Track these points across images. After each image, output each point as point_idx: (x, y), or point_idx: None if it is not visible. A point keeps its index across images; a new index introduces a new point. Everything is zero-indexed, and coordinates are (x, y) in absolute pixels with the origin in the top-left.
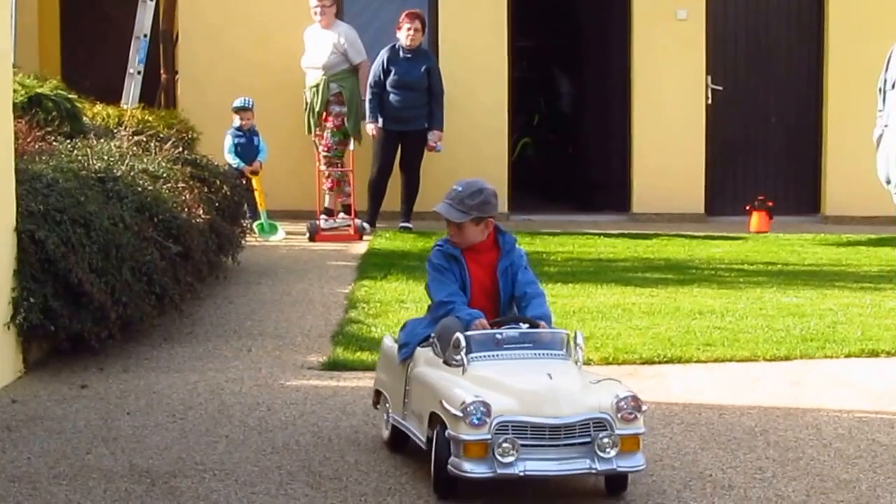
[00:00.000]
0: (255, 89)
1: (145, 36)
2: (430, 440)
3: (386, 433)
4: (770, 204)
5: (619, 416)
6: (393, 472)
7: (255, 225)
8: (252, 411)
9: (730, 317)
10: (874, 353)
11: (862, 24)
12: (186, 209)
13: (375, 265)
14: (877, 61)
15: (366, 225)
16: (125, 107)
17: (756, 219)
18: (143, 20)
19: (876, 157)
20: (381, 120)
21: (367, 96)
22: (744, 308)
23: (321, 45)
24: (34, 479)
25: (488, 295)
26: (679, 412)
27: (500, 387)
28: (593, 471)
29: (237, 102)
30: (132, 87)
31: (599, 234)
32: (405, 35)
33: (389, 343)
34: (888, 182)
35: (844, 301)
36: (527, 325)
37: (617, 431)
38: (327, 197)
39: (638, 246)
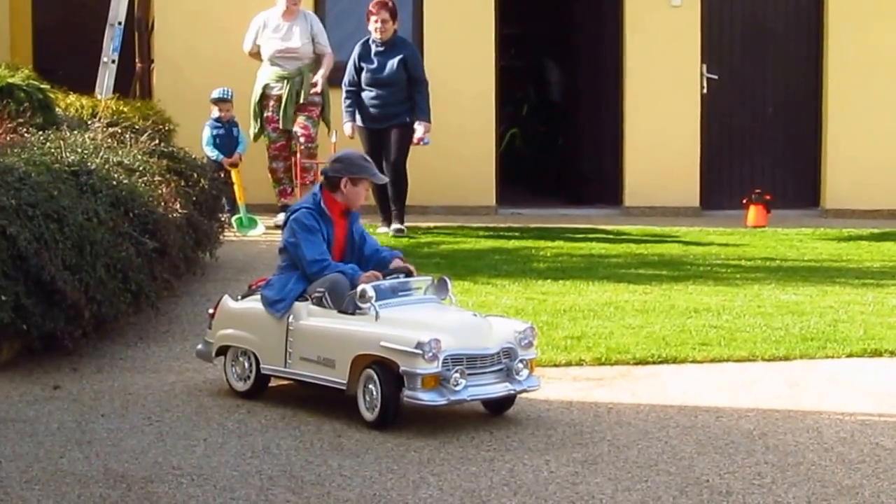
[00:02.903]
0: (234, 79)
1: (120, 23)
2: (357, 380)
3: (240, 385)
4: (768, 197)
5: (521, 344)
6: (377, 477)
7: (233, 219)
8: (231, 413)
9: (727, 315)
10: (877, 353)
11: (863, 9)
12: (163, 203)
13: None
14: (878, 48)
15: (401, 227)
16: (99, 97)
17: (753, 213)
18: (118, 7)
19: None
20: (359, 119)
21: (343, 96)
22: (741, 306)
23: (294, 32)
24: (5, 483)
25: (341, 252)
26: (674, 415)
27: (431, 326)
28: (512, 391)
29: (216, 93)
30: (106, 77)
31: (591, 229)
32: (373, 28)
33: (233, 302)
34: None
35: (846, 298)
36: (402, 276)
37: (520, 357)
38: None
39: (631, 241)
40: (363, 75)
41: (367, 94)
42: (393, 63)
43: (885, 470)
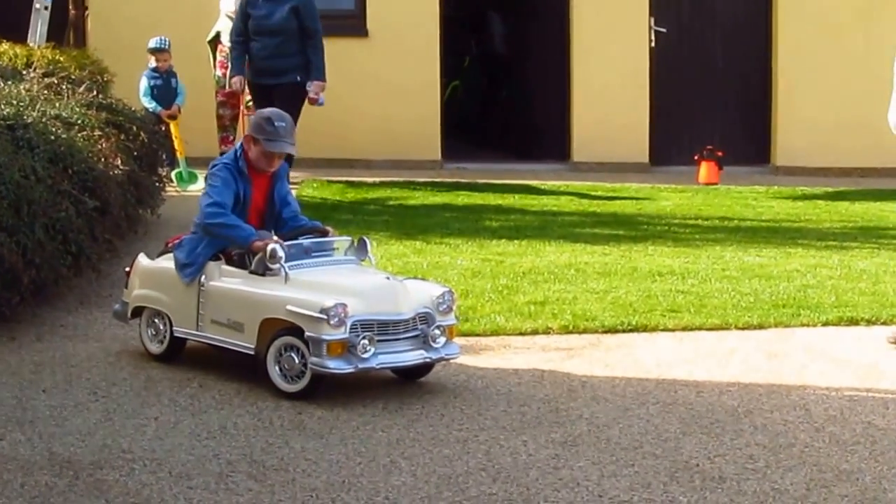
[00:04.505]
0: (173, 28)
1: None
2: (266, 346)
3: (155, 347)
4: (719, 154)
5: (439, 309)
6: (345, 461)
7: (173, 174)
8: (182, 388)
9: (692, 279)
10: (853, 322)
11: None
12: (103, 159)
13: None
14: (829, 3)
15: None
16: (32, 45)
17: (705, 170)
18: None
19: None
20: (249, 73)
21: (229, 46)
22: (706, 269)
23: None
24: None
25: (259, 214)
26: (652, 389)
27: (340, 289)
28: (428, 360)
29: (153, 43)
30: (39, 24)
31: (541, 186)
32: None
33: (148, 261)
34: None
35: (811, 261)
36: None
37: (437, 323)
38: None
39: (583, 198)
40: (250, 24)
41: (255, 45)
42: (283, 10)
43: (882, 452)
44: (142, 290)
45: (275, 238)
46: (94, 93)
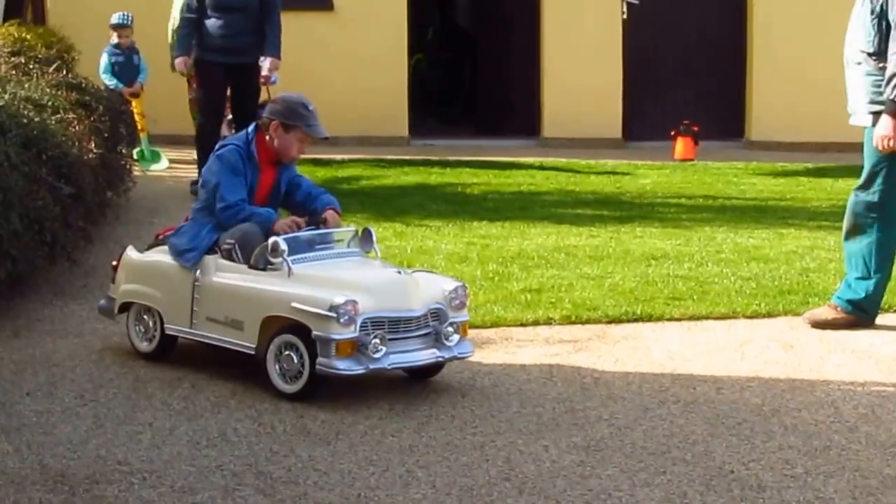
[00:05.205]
0: (135, 4)
1: None
2: (268, 345)
3: (144, 345)
4: (696, 129)
5: (451, 305)
6: (357, 472)
7: (135, 153)
8: (174, 389)
9: (688, 262)
10: None
11: None
12: (76, 143)
13: None
14: None
15: None
16: None
17: (681, 145)
18: None
19: None
20: (201, 52)
21: (180, 24)
22: (700, 252)
23: None
24: None
25: (264, 200)
26: (669, 386)
27: (348, 285)
28: (440, 359)
29: (115, 18)
30: None
31: (514, 163)
32: None
33: (136, 254)
34: None
35: (806, 243)
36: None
37: (450, 320)
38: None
39: (559, 175)
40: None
41: (213, 23)
42: None
43: None
44: (130, 284)
45: (296, 220)
46: (64, 72)
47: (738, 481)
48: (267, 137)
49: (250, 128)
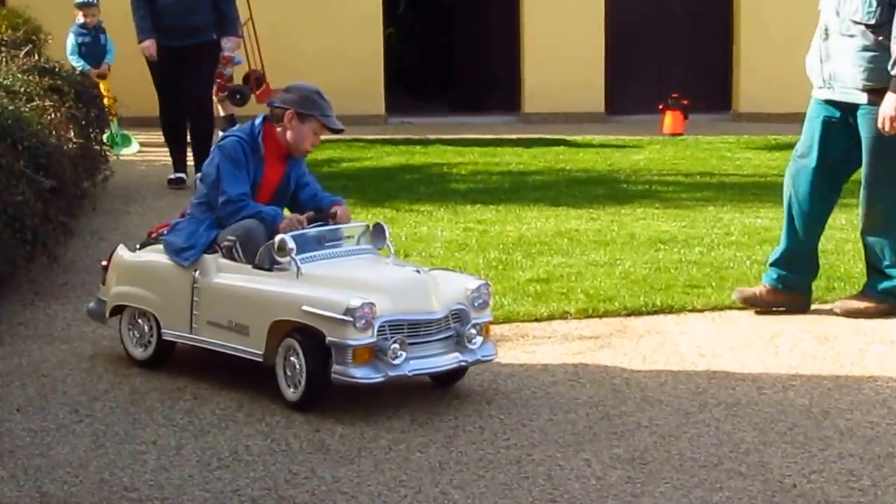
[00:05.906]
0: None
1: None
2: (276, 350)
3: (139, 352)
4: (685, 102)
5: (474, 305)
6: (388, 494)
7: (104, 137)
8: (174, 402)
9: (699, 246)
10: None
11: None
12: (54, 132)
13: None
14: None
15: (184, 176)
16: None
17: (670, 119)
18: None
19: None
20: (154, 34)
21: (133, 5)
22: (708, 234)
23: None
24: None
25: (271, 197)
26: (706, 387)
27: (363, 285)
28: (464, 363)
29: None
30: None
31: (497, 140)
32: None
33: (129, 254)
34: None
35: None
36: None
37: (473, 321)
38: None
39: (547, 153)
40: None
41: (165, 2)
42: None
43: None
44: (122, 286)
45: (299, 217)
46: (35, 56)
47: (804, 497)
48: (279, 129)
49: (258, 119)
